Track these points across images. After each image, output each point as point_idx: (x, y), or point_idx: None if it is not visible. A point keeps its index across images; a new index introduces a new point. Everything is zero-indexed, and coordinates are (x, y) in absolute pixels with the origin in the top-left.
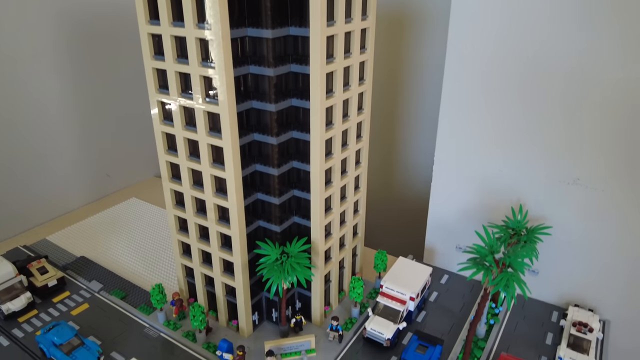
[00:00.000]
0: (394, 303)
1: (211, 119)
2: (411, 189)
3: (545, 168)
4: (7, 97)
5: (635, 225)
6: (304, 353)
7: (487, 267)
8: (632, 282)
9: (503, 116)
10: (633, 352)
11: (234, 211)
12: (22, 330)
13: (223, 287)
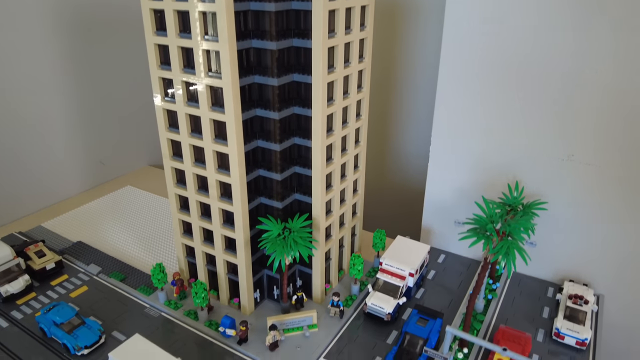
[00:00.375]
0: (394, 279)
1: (214, 94)
2: (405, 177)
3: (540, 145)
4: (1, 85)
5: (629, 200)
6: (306, 328)
7: (487, 236)
8: (625, 257)
9: (499, 96)
10: (626, 325)
11: (237, 187)
12: (21, 312)
13: (225, 265)
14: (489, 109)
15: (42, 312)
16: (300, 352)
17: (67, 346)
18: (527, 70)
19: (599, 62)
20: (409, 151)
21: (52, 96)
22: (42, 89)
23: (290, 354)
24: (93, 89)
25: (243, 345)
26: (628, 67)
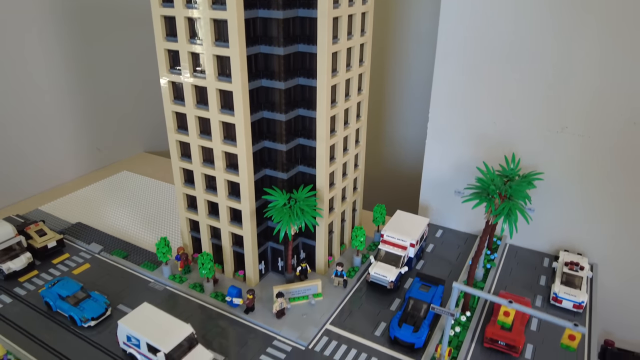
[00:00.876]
0: (395, 249)
1: (220, 63)
2: (401, 160)
3: (534, 119)
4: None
5: (620, 171)
6: (311, 297)
7: (489, 199)
8: (618, 226)
9: (494, 71)
10: (619, 292)
11: (243, 157)
12: (24, 289)
13: (230, 237)
14: (485, 85)
15: (46, 287)
16: (307, 319)
17: (74, 318)
18: (522, 45)
19: (589, 40)
20: (405, 134)
21: (50, 84)
22: (40, 76)
23: (296, 321)
24: (90, 77)
25: (250, 314)
26: (618, 45)
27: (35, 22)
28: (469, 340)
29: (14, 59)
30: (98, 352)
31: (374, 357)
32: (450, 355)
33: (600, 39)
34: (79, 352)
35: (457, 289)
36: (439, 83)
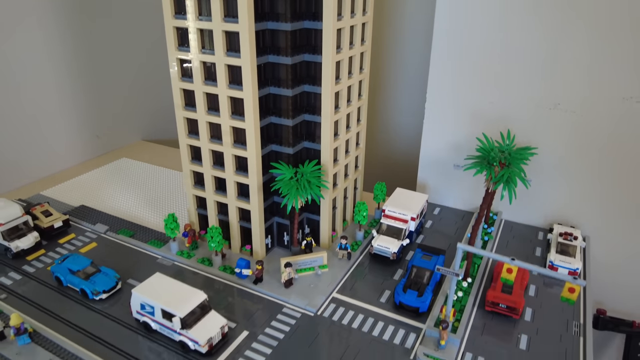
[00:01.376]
0: (397, 223)
1: (228, 39)
2: (399, 142)
3: (529, 96)
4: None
5: (610, 146)
6: (317, 268)
7: (489, 166)
8: (609, 200)
9: (490, 54)
10: (610, 262)
11: (251, 132)
12: (32, 266)
13: (237, 212)
14: (480, 65)
15: (56, 263)
16: (314, 288)
17: (85, 291)
18: (516, 27)
19: (581, 19)
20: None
21: (50, 71)
22: (40, 65)
23: (304, 291)
24: (90, 64)
25: (259, 284)
26: (610, 22)
27: (35, 10)
28: (471, 304)
29: (15, 47)
30: (111, 322)
31: (380, 321)
32: (454, 315)
33: (591, 18)
34: (91, 322)
35: (461, 249)
36: (436, 65)
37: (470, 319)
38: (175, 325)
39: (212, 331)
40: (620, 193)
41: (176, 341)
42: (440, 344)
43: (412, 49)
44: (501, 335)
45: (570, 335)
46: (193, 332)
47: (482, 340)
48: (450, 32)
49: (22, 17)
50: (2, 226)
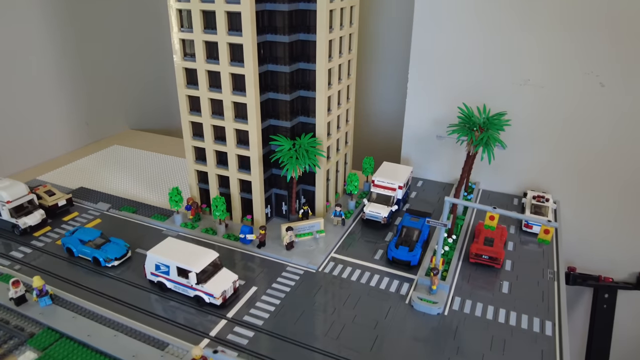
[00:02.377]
0: (386, 191)
1: (230, 19)
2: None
3: (502, 74)
4: None
5: (575, 116)
6: (315, 233)
7: (470, 131)
8: (575, 166)
9: (467, 34)
10: (578, 224)
11: (252, 106)
12: (40, 241)
13: (238, 184)
14: (457, 46)
15: (66, 235)
16: (314, 250)
17: (98, 259)
18: (490, 9)
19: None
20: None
21: (39, 57)
22: (30, 52)
23: (305, 252)
24: (79, 52)
25: (262, 248)
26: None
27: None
28: (457, 258)
29: (5, 36)
30: (125, 285)
31: (376, 274)
32: (443, 264)
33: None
34: (107, 286)
35: (449, 202)
36: (416, 47)
37: (456, 269)
38: (191, 280)
39: (225, 285)
40: (586, 160)
41: (191, 297)
42: (432, 289)
43: (395, 33)
44: (485, 282)
45: (545, 280)
46: (208, 286)
47: (469, 286)
48: (429, 17)
49: (12, 5)
50: (9, 203)
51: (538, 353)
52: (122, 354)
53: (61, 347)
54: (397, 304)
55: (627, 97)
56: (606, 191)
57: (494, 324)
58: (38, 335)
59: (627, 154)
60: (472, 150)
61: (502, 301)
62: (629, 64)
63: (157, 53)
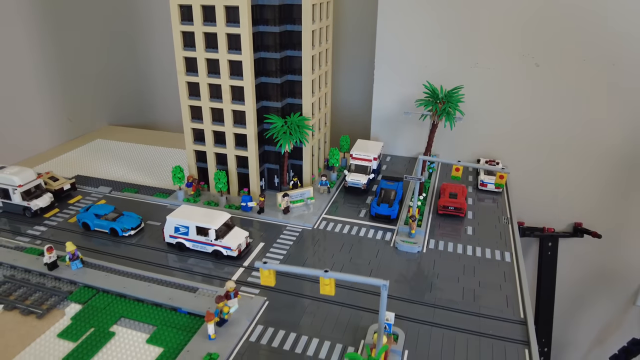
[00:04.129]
0: (363, 162)
1: (227, 12)
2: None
3: (456, 58)
4: None
5: (515, 93)
6: (306, 200)
7: (435, 103)
8: (519, 137)
9: (425, 25)
10: (524, 185)
11: (249, 89)
12: (53, 221)
13: (235, 161)
14: (417, 35)
15: (81, 212)
16: (307, 213)
17: (115, 229)
18: (443, 3)
19: None
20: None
21: (21, 55)
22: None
23: (300, 215)
24: (59, 47)
25: (261, 214)
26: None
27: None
28: (427, 211)
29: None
30: (145, 249)
31: (363, 228)
32: (419, 213)
33: None
34: (127, 251)
35: (421, 159)
36: (381, 39)
37: (428, 219)
38: (210, 237)
39: (239, 240)
40: (528, 131)
41: (209, 253)
42: (411, 233)
43: (362, 28)
44: (452, 228)
45: (501, 224)
46: (225, 240)
47: (440, 231)
48: (391, 12)
49: None
50: (21, 187)
51: (501, 274)
52: (159, 298)
53: (100, 299)
54: (383, 247)
55: (557, 75)
56: (546, 157)
57: (464, 256)
58: (76, 292)
59: (562, 124)
60: (436, 119)
61: (468, 240)
62: (558, 46)
63: (134, 50)
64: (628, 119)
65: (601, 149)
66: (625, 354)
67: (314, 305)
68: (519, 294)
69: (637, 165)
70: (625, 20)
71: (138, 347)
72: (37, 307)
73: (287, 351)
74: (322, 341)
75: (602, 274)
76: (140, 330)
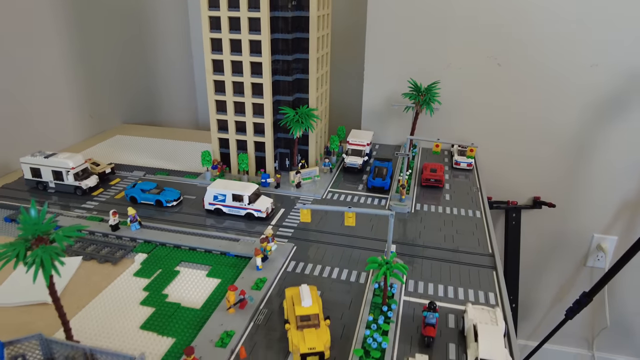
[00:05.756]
0: (358, 147)
1: (250, 23)
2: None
3: (432, 60)
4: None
5: (482, 91)
6: (314, 177)
7: (417, 95)
8: (485, 125)
9: (408, 31)
10: (490, 164)
11: (267, 85)
12: (101, 197)
13: (253, 146)
14: (403, 39)
15: (128, 187)
16: (316, 187)
17: (160, 201)
18: (419, 12)
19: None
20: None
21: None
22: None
23: (310, 189)
24: (83, 52)
25: (278, 188)
26: None
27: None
28: (413, 183)
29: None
30: (188, 215)
31: (362, 197)
32: (407, 183)
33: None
34: (173, 216)
35: (409, 139)
36: (370, 44)
37: (414, 189)
38: (244, 201)
39: (267, 204)
40: (495, 120)
41: (242, 215)
42: (402, 198)
43: (353, 39)
44: (434, 196)
45: (472, 192)
46: (256, 204)
47: (424, 197)
48: (380, 19)
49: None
50: (73, 169)
51: (473, 225)
52: (210, 246)
53: (161, 250)
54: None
55: (515, 72)
56: (509, 141)
57: (444, 214)
58: (139, 246)
59: (521, 112)
60: (419, 109)
61: (447, 203)
62: (515, 50)
63: (144, 54)
64: (574, 104)
65: (554, 131)
66: (577, 305)
67: (330, 249)
68: (487, 237)
69: (583, 144)
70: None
71: (200, 279)
72: (111, 256)
73: (316, 276)
74: (342, 270)
75: (558, 240)
76: (199, 269)
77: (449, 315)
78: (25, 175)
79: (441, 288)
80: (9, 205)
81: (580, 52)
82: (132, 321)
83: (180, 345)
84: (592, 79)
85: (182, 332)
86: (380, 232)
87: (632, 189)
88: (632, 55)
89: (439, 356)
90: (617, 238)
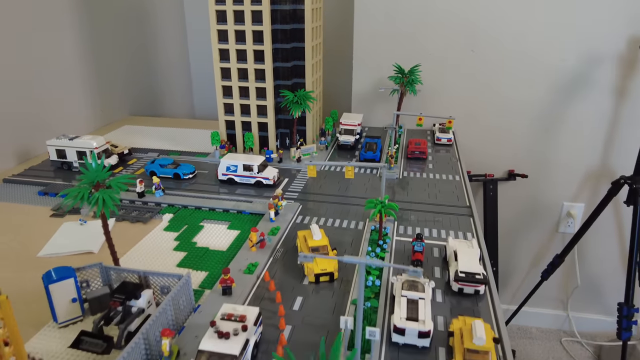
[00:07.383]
0: (350, 127)
1: (253, 15)
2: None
3: (416, 50)
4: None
5: (460, 77)
6: (312, 153)
7: (402, 78)
8: (466, 106)
9: (393, 23)
10: (468, 142)
11: (269, 71)
12: (122, 174)
13: (257, 126)
14: (388, 30)
15: (148, 163)
16: (315, 160)
17: (178, 174)
18: (407, 8)
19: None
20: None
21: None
22: (57, 49)
23: (308, 163)
24: (94, 50)
25: (281, 163)
26: None
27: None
28: (400, 156)
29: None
30: (204, 184)
31: (356, 168)
32: (395, 154)
33: None
34: (190, 186)
35: (396, 114)
36: (358, 34)
37: (401, 160)
38: (254, 170)
39: (273, 173)
40: (471, 101)
41: (252, 184)
42: (391, 167)
43: (342, 31)
44: (419, 166)
45: (452, 162)
46: (264, 173)
47: (410, 166)
48: (366, 14)
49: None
50: (96, 149)
51: (453, 186)
52: (227, 206)
53: (185, 211)
54: (373, 177)
55: (488, 57)
56: (485, 119)
57: (428, 179)
58: (164, 208)
59: (493, 92)
60: (403, 89)
61: (430, 171)
62: (486, 38)
63: (146, 50)
64: (542, 84)
65: (525, 109)
66: (551, 266)
67: (331, 207)
68: (465, 194)
69: (551, 117)
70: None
71: (222, 231)
72: (141, 217)
73: (321, 225)
74: (342, 220)
75: (532, 209)
76: (220, 224)
77: (434, 248)
78: (50, 157)
79: (426, 231)
80: (40, 182)
81: (547, 36)
82: (169, 262)
83: (213, 276)
84: (557, 61)
85: (214, 267)
86: (374, 194)
87: (595, 159)
88: (591, 40)
89: (426, 275)
90: (584, 205)
